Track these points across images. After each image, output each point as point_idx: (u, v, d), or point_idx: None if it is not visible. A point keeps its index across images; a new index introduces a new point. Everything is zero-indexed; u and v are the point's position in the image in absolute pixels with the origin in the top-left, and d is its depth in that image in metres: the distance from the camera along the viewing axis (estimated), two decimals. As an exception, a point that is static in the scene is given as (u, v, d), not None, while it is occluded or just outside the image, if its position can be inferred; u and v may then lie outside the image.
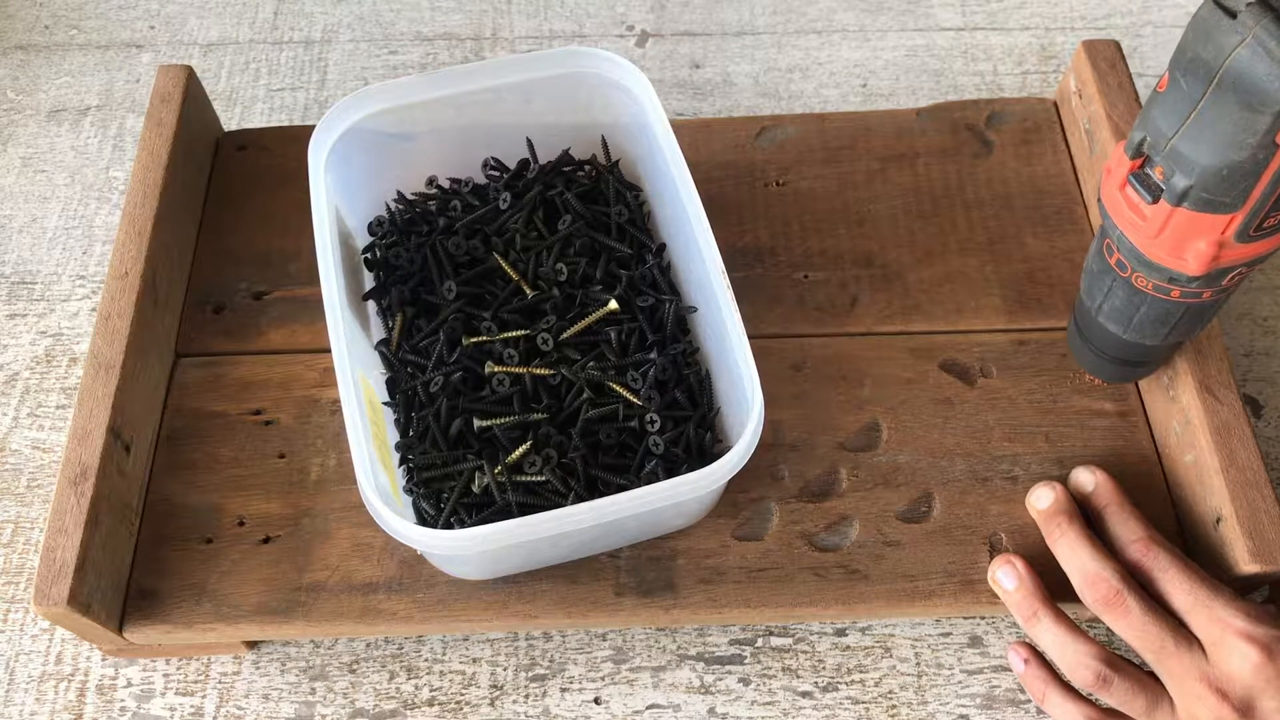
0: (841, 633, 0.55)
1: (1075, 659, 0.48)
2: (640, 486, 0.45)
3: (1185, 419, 0.53)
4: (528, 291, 0.56)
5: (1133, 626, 0.47)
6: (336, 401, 0.56)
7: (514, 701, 0.53)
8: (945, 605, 0.51)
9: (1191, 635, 0.46)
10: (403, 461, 0.53)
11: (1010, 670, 0.54)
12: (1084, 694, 0.49)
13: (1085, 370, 0.56)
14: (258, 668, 0.54)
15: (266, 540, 0.53)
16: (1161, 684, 0.47)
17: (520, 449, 0.51)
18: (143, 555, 0.53)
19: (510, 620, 0.51)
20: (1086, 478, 0.52)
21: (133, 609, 0.51)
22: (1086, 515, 0.52)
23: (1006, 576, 0.50)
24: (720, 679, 0.54)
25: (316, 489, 0.54)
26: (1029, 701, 0.53)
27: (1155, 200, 0.43)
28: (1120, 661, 0.48)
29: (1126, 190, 0.44)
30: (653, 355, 0.54)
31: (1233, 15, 0.37)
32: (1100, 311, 0.50)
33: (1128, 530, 0.50)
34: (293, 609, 0.51)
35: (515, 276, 0.56)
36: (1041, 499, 0.52)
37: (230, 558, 0.53)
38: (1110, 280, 0.49)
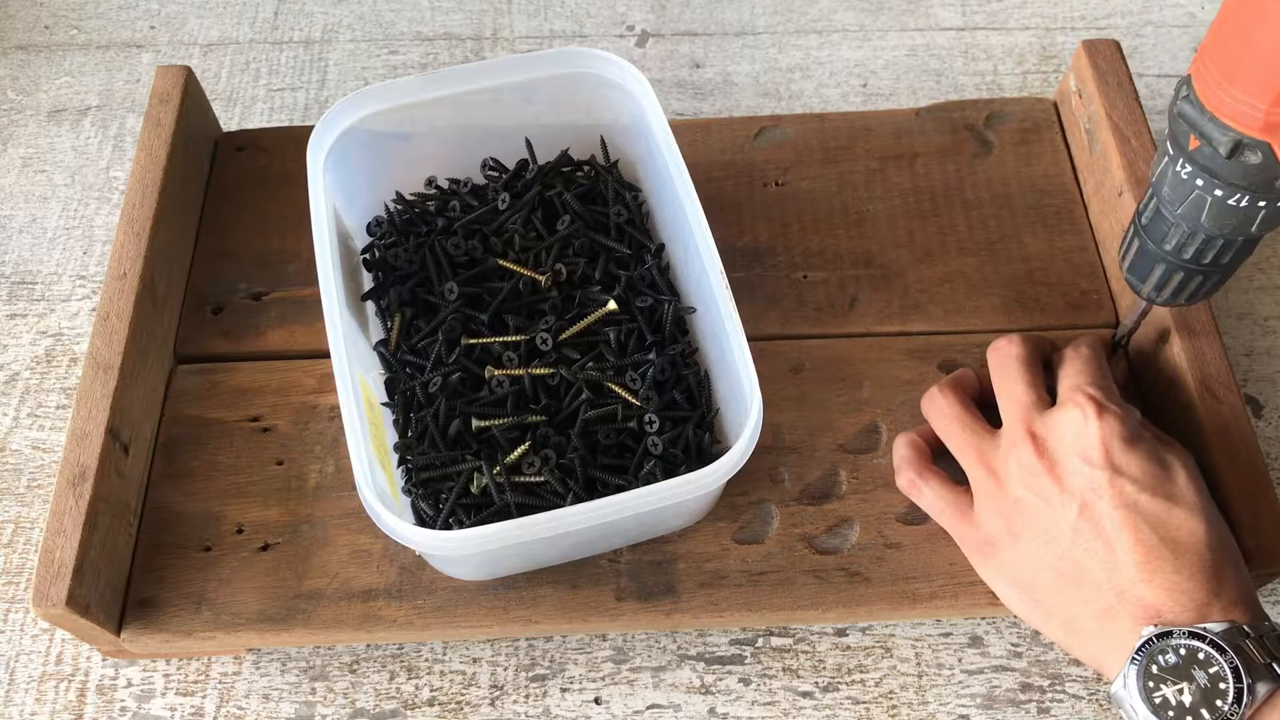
0: (842, 633, 0.55)
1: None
2: (639, 487, 0.45)
3: (1186, 419, 0.52)
4: (541, 280, 0.56)
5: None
6: (334, 408, 0.56)
7: (514, 701, 0.53)
8: (946, 607, 0.51)
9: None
10: (401, 462, 0.53)
11: (1011, 670, 0.53)
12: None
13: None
14: (258, 668, 0.54)
15: (265, 548, 0.53)
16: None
17: (519, 449, 0.51)
18: (141, 563, 0.52)
19: (511, 626, 0.51)
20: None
21: (131, 617, 0.51)
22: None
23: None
24: (721, 679, 0.53)
25: (315, 496, 0.54)
26: (1029, 701, 0.53)
27: None
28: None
29: None
30: (651, 356, 0.54)
31: None
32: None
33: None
34: (292, 616, 0.51)
35: (526, 271, 0.56)
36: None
37: (229, 565, 0.52)
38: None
